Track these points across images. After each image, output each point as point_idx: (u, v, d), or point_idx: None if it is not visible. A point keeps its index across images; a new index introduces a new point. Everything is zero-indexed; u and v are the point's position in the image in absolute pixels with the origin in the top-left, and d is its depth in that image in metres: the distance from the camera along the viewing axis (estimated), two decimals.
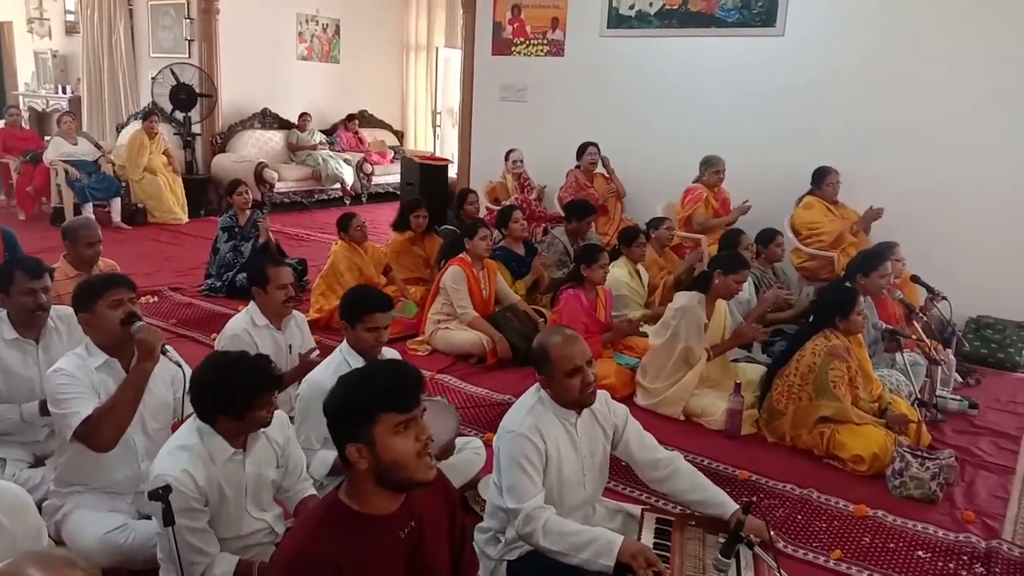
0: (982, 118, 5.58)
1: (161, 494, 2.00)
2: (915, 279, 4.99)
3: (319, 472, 2.81)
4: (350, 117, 11.00)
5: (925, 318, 4.68)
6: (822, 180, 5.74)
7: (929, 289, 4.87)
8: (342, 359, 2.95)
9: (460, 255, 5.05)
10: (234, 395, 2.20)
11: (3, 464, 2.90)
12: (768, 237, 5.16)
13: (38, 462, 3.00)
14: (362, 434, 1.68)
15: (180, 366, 2.66)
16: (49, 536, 2.27)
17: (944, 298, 4.78)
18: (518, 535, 2.32)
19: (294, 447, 2.53)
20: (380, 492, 1.73)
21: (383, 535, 1.74)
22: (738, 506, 2.44)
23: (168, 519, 2.02)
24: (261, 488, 2.39)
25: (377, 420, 1.68)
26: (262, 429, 2.35)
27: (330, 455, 2.86)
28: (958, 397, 4.41)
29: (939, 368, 4.29)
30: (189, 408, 2.66)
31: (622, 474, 3.24)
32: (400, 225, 5.90)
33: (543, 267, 5.56)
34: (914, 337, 4.34)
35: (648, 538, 2.38)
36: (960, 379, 4.76)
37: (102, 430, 2.45)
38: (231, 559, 2.25)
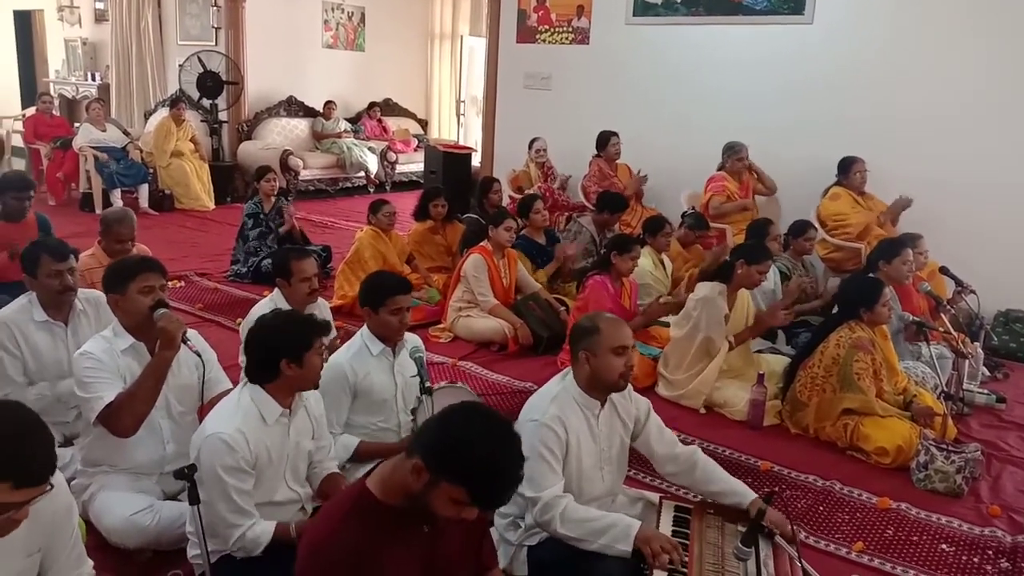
0: (1014, 111, 5.47)
1: (187, 473, 2.04)
2: (944, 271, 4.93)
3: (341, 456, 2.84)
4: (372, 105, 11.02)
5: (953, 311, 4.61)
6: (849, 169, 5.67)
7: (958, 282, 4.81)
8: (362, 344, 2.97)
9: (481, 243, 5.06)
10: (295, 336, 2.31)
11: None
12: (799, 229, 5.10)
13: (67, 442, 3.04)
14: (436, 474, 1.64)
15: (199, 355, 2.69)
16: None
17: (972, 291, 4.72)
18: (536, 523, 2.33)
19: (324, 423, 2.60)
20: (406, 497, 1.73)
21: (407, 530, 1.76)
22: (756, 495, 2.44)
23: (194, 498, 2.05)
24: (299, 458, 2.45)
25: (455, 486, 1.63)
26: (305, 395, 2.43)
27: (352, 440, 2.89)
28: (985, 391, 4.36)
29: (966, 361, 4.23)
30: (209, 394, 2.70)
31: (642, 462, 3.23)
32: (420, 214, 5.92)
33: (570, 258, 5.50)
34: (941, 330, 4.29)
35: (667, 526, 2.39)
36: (988, 373, 4.70)
37: (123, 416, 2.50)
38: (268, 524, 2.30)
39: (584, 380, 2.43)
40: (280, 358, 2.28)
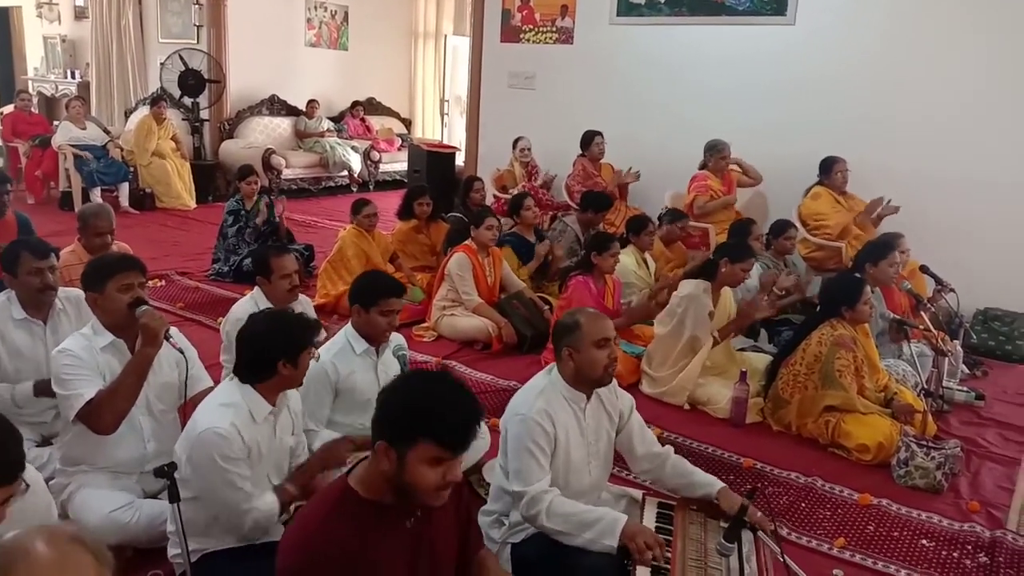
0: (993, 110, 5.54)
1: (166, 471, 2.02)
2: (924, 270, 4.97)
3: None
4: (355, 104, 10.98)
5: (933, 309, 4.66)
6: (830, 169, 5.70)
7: (937, 280, 4.85)
8: (346, 342, 2.96)
9: (465, 242, 5.05)
10: (293, 337, 2.32)
11: None
12: (780, 229, 5.12)
13: (45, 442, 3.02)
14: (397, 443, 1.65)
15: (182, 352, 2.67)
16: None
17: (952, 289, 4.77)
18: (523, 517, 2.33)
19: (301, 418, 2.61)
20: (390, 489, 1.73)
21: (391, 524, 1.75)
22: (723, 484, 2.47)
23: (174, 495, 2.03)
24: (282, 455, 2.45)
25: (416, 443, 1.63)
26: (289, 394, 2.43)
27: (334, 435, 2.87)
28: (965, 388, 4.40)
29: (946, 359, 4.27)
30: (192, 391, 2.68)
31: (623, 458, 3.24)
32: (404, 213, 5.91)
33: (556, 256, 5.51)
34: (921, 328, 4.33)
35: (650, 522, 2.40)
36: (967, 370, 4.75)
37: (103, 413, 2.48)
38: (270, 495, 2.32)
39: (569, 376, 2.43)
40: (277, 359, 2.28)
